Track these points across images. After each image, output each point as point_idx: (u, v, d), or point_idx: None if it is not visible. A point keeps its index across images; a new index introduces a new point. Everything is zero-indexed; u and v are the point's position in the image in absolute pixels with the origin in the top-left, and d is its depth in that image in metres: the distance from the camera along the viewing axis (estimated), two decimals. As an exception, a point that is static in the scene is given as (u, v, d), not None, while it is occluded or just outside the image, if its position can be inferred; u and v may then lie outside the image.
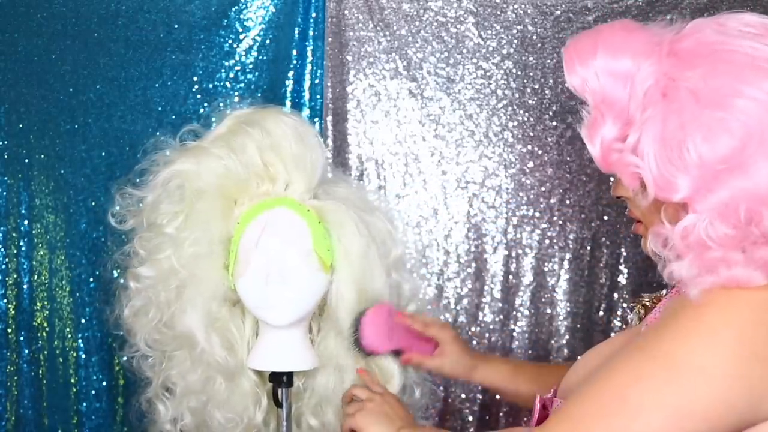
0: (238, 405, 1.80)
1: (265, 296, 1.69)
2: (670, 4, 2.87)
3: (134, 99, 2.80)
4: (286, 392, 1.79)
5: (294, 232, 1.71)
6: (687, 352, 1.19)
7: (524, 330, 2.94)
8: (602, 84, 1.31)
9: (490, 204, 2.95)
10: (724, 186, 1.21)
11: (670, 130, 1.23)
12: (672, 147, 1.23)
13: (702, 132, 1.21)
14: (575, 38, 1.37)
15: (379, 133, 2.93)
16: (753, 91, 1.21)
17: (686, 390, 1.18)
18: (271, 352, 1.77)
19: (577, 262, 2.94)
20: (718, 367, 1.17)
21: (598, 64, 1.31)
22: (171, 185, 1.75)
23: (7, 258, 2.78)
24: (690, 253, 1.22)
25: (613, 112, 1.30)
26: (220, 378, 1.77)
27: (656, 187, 1.25)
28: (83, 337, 2.78)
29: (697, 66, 1.24)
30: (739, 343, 1.18)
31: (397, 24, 2.91)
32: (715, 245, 1.21)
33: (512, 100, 2.93)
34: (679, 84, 1.25)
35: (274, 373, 1.78)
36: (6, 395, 2.78)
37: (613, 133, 1.31)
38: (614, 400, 1.21)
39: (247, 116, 1.79)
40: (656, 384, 1.19)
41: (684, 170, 1.22)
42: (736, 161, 1.20)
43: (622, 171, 1.31)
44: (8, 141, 2.77)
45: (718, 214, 1.21)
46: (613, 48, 1.31)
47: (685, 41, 1.28)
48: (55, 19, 2.78)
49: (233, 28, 2.83)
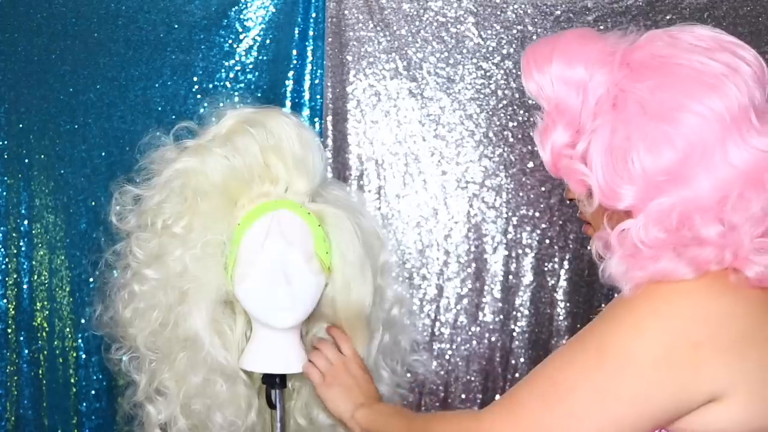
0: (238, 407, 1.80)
1: (270, 299, 1.69)
2: (670, 4, 2.87)
3: (134, 99, 2.80)
4: (280, 393, 1.78)
5: (297, 234, 1.71)
6: (616, 340, 1.25)
7: (524, 330, 2.94)
8: (556, 91, 1.35)
9: (490, 204, 2.95)
10: (665, 195, 1.26)
11: (616, 140, 1.28)
12: (618, 157, 1.28)
13: (646, 144, 1.26)
14: (534, 44, 1.41)
15: (379, 133, 2.93)
16: (697, 106, 1.24)
17: (614, 374, 1.24)
18: (265, 354, 1.76)
19: (577, 262, 2.94)
20: (645, 353, 1.23)
21: (554, 71, 1.35)
22: (174, 185, 1.74)
23: (7, 258, 2.78)
24: (620, 252, 1.28)
25: (565, 119, 1.34)
26: (221, 380, 1.76)
27: (602, 195, 1.30)
28: (83, 337, 2.78)
29: (647, 78, 1.28)
30: (667, 331, 1.24)
31: (397, 24, 2.91)
32: (645, 248, 1.26)
33: (512, 100, 2.93)
34: (628, 95, 1.29)
35: (267, 375, 1.77)
36: (6, 395, 2.78)
37: (563, 140, 1.35)
38: (545, 381, 1.30)
39: (248, 116, 1.77)
40: (586, 368, 1.26)
41: (629, 180, 1.27)
42: (677, 173, 1.25)
43: (569, 177, 1.35)
44: (8, 141, 2.77)
45: (653, 219, 1.26)
46: (569, 56, 1.34)
47: (638, 52, 1.32)
48: (55, 19, 2.78)
49: (233, 28, 2.83)
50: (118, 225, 1.79)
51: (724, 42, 1.31)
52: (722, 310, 1.25)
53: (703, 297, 1.25)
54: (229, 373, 1.76)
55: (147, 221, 1.76)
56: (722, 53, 1.28)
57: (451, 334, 2.94)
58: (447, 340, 2.94)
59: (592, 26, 2.90)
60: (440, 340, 2.93)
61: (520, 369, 2.94)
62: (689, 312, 1.24)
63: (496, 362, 2.94)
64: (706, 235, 1.24)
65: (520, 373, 2.94)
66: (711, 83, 1.26)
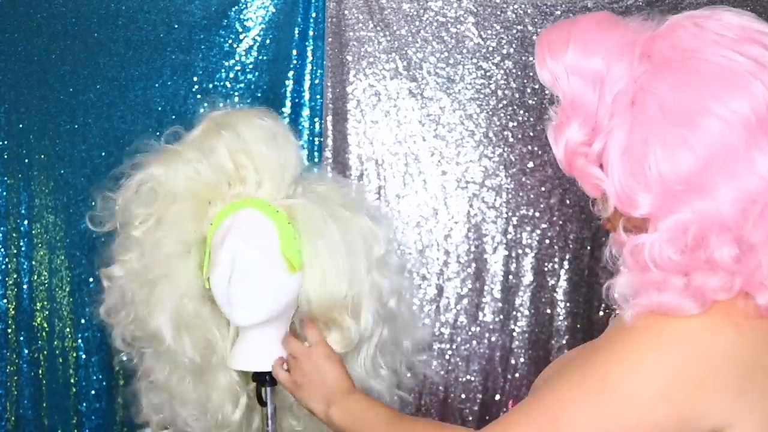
0: (213, 403, 1.82)
1: (228, 296, 1.71)
2: (670, 4, 2.87)
3: (134, 99, 2.80)
4: (270, 391, 1.80)
5: (259, 233, 1.74)
6: (616, 378, 1.20)
7: (524, 330, 2.94)
8: (571, 85, 1.25)
9: (490, 204, 2.95)
10: (684, 207, 1.17)
11: (634, 143, 1.19)
12: (634, 161, 1.19)
13: (664, 149, 1.16)
14: (550, 28, 1.30)
15: (379, 133, 2.94)
16: (721, 109, 1.15)
17: (615, 412, 1.19)
18: (248, 352, 1.79)
19: (577, 262, 2.94)
20: (644, 393, 1.18)
21: (569, 60, 1.25)
22: (143, 189, 1.80)
23: (7, 258, 2.78)
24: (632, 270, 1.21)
25: (581, 116, 1.25)
26: (189, 377, 1.79)
27: (618, 201, 1.21)
28: (83, 337, 2.79)
29: (668, 75, 1.19)
30: (668, 369, 1.18)
31: (397, 24, 2.91)
32: (656, 270, 1.19)
33: (512, 100, 2.93)
34: (647, 95, 1.19)
35: (257, 373, 1.79)
36: (6, 395, 2.78)
37: (578, 138, 1.26)
38: (546, 415, 1.23)
39: (220, 118, 1.82)
40: (587, 407, 1.20)
41: (645, 187, 1.18)
42: (697, 182, 1.16)
43: (584, 180, 1.27)
44: (8, 141, 2.77)
45: (668, 237, 1.18)
46: (585, 45, 1.24)
47: (660, 43, 1.22)
48: (55, 19, 2.78)
49: (233, 28, 2.83)
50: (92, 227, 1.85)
51: (754, 32, 1.19)
52: (726, 346, 1.19)
53: (708, 334, 1.19)
54: (199, 371, 1.79)
55: (118, 223, 1.80)
56: (751, 46, 1.17)
57: (451, 334, 2.94)
58: (447, 340, 2.94)
59: (592, 26, 2.90)
60: (440, 340, 2.93)
61: (520, 369, 2.94)
62: (692, 350, 1.18)
63: (496, 362, 2.95)
64: (720, 258, 1.16)
65: (519, 373, 2.94)
66: (736, 82, 1.16)
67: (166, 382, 1.82)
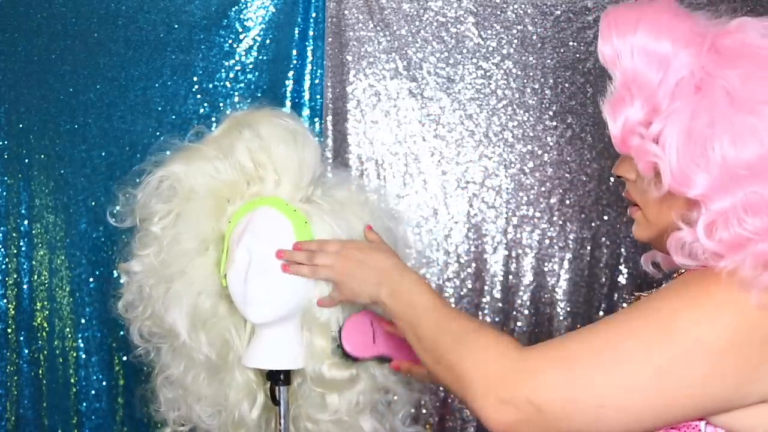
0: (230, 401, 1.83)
1: (244, 293, 1.72)
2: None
3: (134, 99, 2.80)
4: (284, 390, 1.80)
5: (275, 231, 1.74)
6: (687, 321, 1.20)
7: (524, 330, 2.94)
8: (636, 63, 1.27)
9: (490, 204, 2.95)
10: (741, 190, 1.21)
11: (698, 125, 1.22)
12: (697, 142, 1.22)
13: (731, 134, 1.20)
14: (616, 7, 1.31)
15: (379, 133, 2.94)
16: None
17: (679, 355, 1.19)
18: (263, 350, 1.78)
19: (577, 262, 2.94)
20: (714, 342, 1.19)
21: (637, 40, 1.27)
22: (163, 185, 1.80)
23: (7, 258, 2.78)
24: (737, 251, 1.21)
25: (643, 95, 1.27)
26: (204, 373, 1.80)
27: (673, 179, 1.24)
28: (83, 337, 2.79)
29: (738, 66, 1.23)
30: (741, 324, 1.19)
31: (397, 24, 2.91)
32: (753, 235, 1.20)
33: (512, 100, 2.93)
34: (716, 81, 1.23)
35: (271, 372, 1.80)
36: (6, 395, 2.78)
37: (638, 117, 1.27)
38: (606, 345, 1.22)
39: (242, 117, 1.83)
40: (651, 341, 1.21)
41: (705, 168, 1.21)
42: (758, 169, 1.20)
43: (639, 157, 1.28)
44: (8, 141, 2.77)
45: (743, 208, 1.21)
46: (656, 28, 1.27)
47: (729, 38, 1.26)
48: (55, 19, 2.78)
49: (233, 28, 2.83)
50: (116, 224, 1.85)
51: None
52: None
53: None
54: (214, 368, 1.79)
55: (137, 219, 1.81)
56: None
57: (451, 334, 2.94)
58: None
59: (592, 26, 2.90)
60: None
61: (520, 369, 2.94)
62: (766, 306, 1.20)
63: (496, 362, 2.94)
64: None
65: (520, 373, 2.94)
66: None
67: (181, 379, 1.82)
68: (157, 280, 1.78)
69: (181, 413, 1.86)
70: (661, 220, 1.35)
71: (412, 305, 1.49)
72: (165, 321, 1.76)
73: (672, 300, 1.24)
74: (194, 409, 1.83)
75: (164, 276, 1.77)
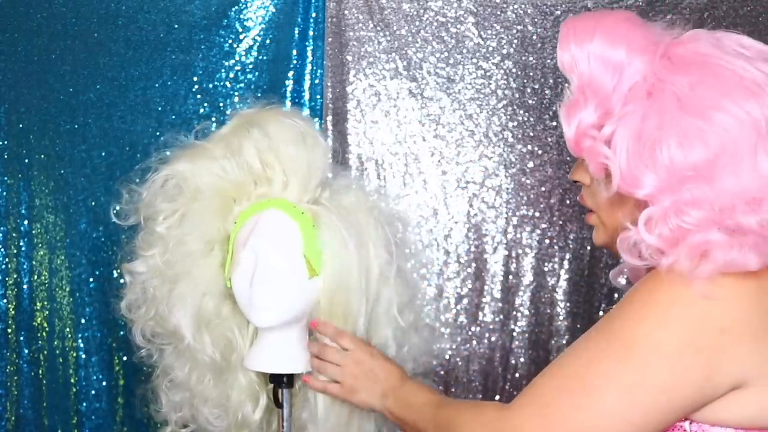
0: (232, 402, 1.81)
1: (249, 297, 1.70)
2: (670, 4, 2.87)
3: (134, 99, 2.80)
4: (287, 393, 1.79)
5: (283, 234, 1.72)
6: (641, 333, 1.25)
7: (524, 330, 2.94)
8: (592, 68, 1.33)
9: (490, 204, 2.95)
10: (686, 190, 1.25)
11: (647, 127, 1.26)
12: (645, 144, 1.26)
13: (678, 136, 1.25)
14: (576, 17, 1.39)
15: (379, 133, 2.94)
16: (735, 108, 1.24)
17: (641, 367, 1.24)
18: (266, 354, 1.77)
19: (577, 262, 2.94)
20: (670, 345, 1.23)
21: (594, 48, 1.33)
22: (168, 184, 1.77)
23: (7, 258, 2.78)
24: (675, 245, 1.26)
25: (597, 98, 1.32)
26: (209, 375, 1.78)
27: (622, 180, 1.28)
28: (83, 337, 2.79)
29: (688, 73, 1.27)
30: (691, 320, 1.23)
31: (397, 24, 2.91)
32: (692, 227, 1.24)
33: (512, 100, 2.93)
34: (667, 86, 1.27)
35: (274, 375, 1.79)
36: (6, 395, 2.78)
37: (591, 119, 1.33)
38: (572, 379, 1.28)
39: (250, 116, 1.80)
40: (613, 364, 1.26)
41: (652, 169, 1.26)
42: (704, 171, 1.24)
43: (590, 158, 1.33)
44: (8, 141, 2.77)
45: (685, 203, 1.25)
46: (612, 36, 1.33)
47: (681, 47, 1.31)
48: (55, 19, 2.78)
49: (233, 28, 2.83)
50: (119, 222, 1.83)
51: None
52: (749, 293, 1.25)
53: (728, 280, 1.25)
54: (219, 370, 1.78)
55: (141, 218, 1.78)
56: (764, 64, 1.28)
57: (451, 334, 2.94)
58: (447, 340, 2.94)
59: (592, 26, 2.90)
60: (440, 340, 2.93)
61: (520, 369, 2.94)
62: (713, 300, 1.24)
63: (496, 362, 2.95)
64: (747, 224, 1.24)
65: (520, 373, 2.94)
66: (751, 89, 1.25)
67: (186, 380, 1.80)
68: (162, 281, 1.75)
69: (186, 415, 1.85)
70: (613, 223, 1.40)
71: (411, 406, 1.62)
72: (169, 322, 1.75)
73: (625, 315, 1.28)
74: (201, 412, 1.81)
75: (169, 277, 1.75)
